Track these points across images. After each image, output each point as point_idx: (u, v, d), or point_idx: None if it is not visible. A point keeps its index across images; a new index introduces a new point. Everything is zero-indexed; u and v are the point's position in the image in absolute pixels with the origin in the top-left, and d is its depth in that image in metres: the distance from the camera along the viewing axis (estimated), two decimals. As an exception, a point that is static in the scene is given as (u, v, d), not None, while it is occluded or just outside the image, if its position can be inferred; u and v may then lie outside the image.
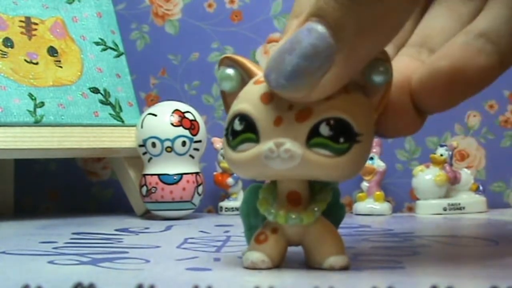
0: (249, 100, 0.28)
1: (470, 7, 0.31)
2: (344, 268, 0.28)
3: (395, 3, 0.25)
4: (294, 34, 0.26)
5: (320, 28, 0.25)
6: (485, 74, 0.28)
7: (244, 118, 0.28)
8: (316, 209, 0.29)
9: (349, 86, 0.27)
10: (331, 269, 0.28)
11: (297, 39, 0.26)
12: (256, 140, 0.27)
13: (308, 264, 0.29)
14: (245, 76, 0.30)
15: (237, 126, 0.28)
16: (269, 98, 0.27)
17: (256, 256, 0.28)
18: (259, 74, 0.29)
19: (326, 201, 0.29)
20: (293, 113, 0.27)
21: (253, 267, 0.28)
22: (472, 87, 0.29)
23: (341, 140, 0.27)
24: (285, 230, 0.29)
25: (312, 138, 0.27)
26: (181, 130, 0.55)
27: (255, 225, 0.30)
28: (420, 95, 0.29)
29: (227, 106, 0.30)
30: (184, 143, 0.55)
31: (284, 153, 0.26)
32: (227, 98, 0.30)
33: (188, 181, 0.55)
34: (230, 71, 0.30)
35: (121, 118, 0.58)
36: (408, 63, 0.30)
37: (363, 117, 0.27)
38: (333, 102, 0.27)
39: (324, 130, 0.27)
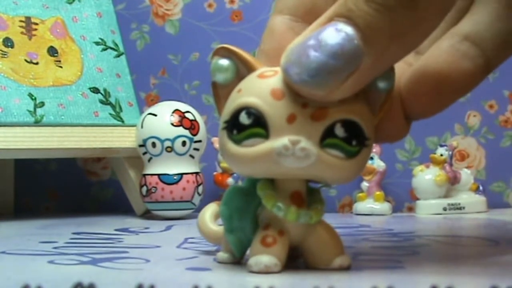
0: (257, 94, 0.27)
1: (454, 9, 0.31)
2: (345, 268, 0.28)
3: (426, 12, 0.25)
4: (318, 31, 0.25)
5: (349, 29, 0.25)
6: (470, 78, 0.28)
7: (252, 112, 0.27)
8: (319, 207, 0.28)
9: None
10: (340, 268, 0.28)
11: (323, 37, 0.25)
12: (266, 136, 0.26)
13: (311, 264, 0.29)
14: (242, 68, 0.28)
15: (245, 119, 0.27)
16: (281, 94, 0.26)
17: (268, 259, 0.27)
18: (262, 68, 0.28)
19: (323, 201, 0.29)
20: (308, 111, 0.26)
21: (266, 271, 0.27)
22: (457, 91, 0.29)
23: (354, 143, 0.26)
24: (289, 232, 0.28)
25: (326, 139, 0.26)
26: (181, 130, 0.55)
27: (239, 227, 0.29)
28: (407, 100, 0.29)
29: (218, 98, 0.29)
30: (184, 143, 0.55)
31: (300, 151, 0.26)
32: (219, 90, 0.29)
33: (188, 181, 0.55)
34: (225, 62, 0.28)
35: (121, 118, 0.58)
36: (396, 65, 0.30)
37: (370, 122, 0.27)
38: (347, 105, 0.26)
39: (339, 131, 0.26)
